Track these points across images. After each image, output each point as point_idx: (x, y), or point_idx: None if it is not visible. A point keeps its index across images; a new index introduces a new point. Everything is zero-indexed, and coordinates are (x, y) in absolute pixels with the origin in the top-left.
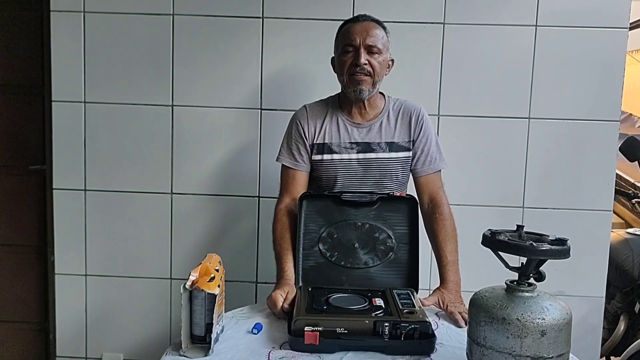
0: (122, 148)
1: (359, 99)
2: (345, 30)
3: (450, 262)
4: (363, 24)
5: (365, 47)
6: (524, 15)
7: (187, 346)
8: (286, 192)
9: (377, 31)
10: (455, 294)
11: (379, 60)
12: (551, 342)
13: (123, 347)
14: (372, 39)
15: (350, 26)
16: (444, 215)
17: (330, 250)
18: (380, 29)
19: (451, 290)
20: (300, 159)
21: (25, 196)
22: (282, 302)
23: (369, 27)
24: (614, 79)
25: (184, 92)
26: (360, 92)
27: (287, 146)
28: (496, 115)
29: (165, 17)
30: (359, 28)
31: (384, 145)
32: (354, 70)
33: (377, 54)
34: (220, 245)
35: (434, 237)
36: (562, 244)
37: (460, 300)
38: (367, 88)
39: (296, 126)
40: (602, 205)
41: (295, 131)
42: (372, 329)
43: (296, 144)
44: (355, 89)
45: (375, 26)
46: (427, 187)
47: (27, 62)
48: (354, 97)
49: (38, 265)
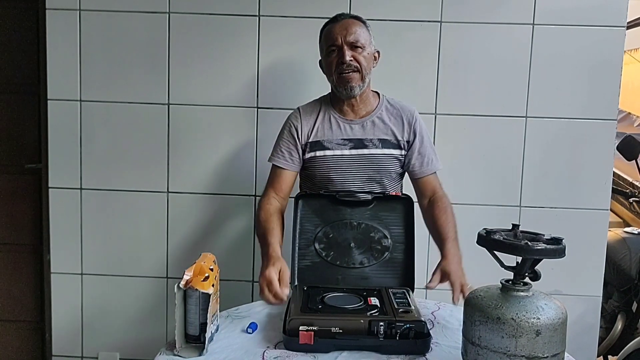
0: (118, 147)
1: (351, 97)
2: (326, 31)
3: (451, 237)
4: (342, 22)
5: (348, 45)
6: (521, 13)
7: (181, 346)
8: (271, 187)
9: (357, 27)
10: (457, 265)
11: (364, 54)
12: (546, 342)
13: (119, 346)
14: (353, 36)
15: (331, 27)
16: (445, 204)
17: (326, 249)
18: (360, 24)
19: (452, 261)
20: (290, 158)
21: (20, 195)
22: (277, 281)
23: (348, 25)
24: (612, 78)
25: (180, 90)
26: (352, 90)
27: (278, 146)
28: (493, 113)
29: (161, 15)
30: (338, 27)
31: (376, 142)
32: (341, 69)
33: (360, 49)
34: (216, 243)
35: (435, 220)
36: (558, 243)
37: (462, 271)
38: (357, 84)
39: (289, 128)
40: (600, 204)
41: (287, 132)
42: (367, 329)
43: (287, 144)
44: (345, 87)
45: (354, 22)
46: (429, 186)
47: (23, 60)
48: (346, 95)
49: (34, 264)
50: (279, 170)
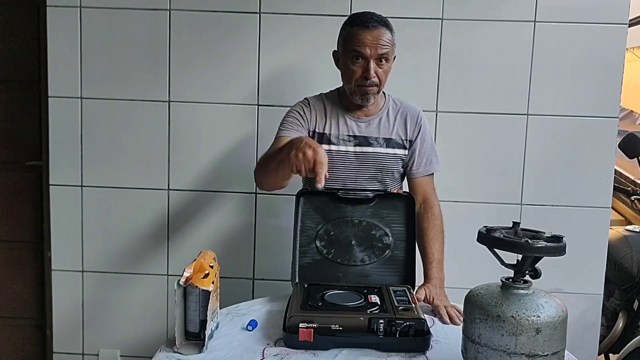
0: (118, 144)
1: (363, 106)
2: (355, 35)
3: (436, 259)
4: (374, 32)
5: (376, 59)
6: (522, 11)
7: (181, 343)
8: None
9: (387, 36)
10: (439, 290)
11: (385, 68)
12: (546, 340)
13: (120, 343)
14: (383, 48)
15: (361, 32)
16: (435, 215)
17: (327, 247)
18: (388, 32)
19: (435, 285)
20: (296, 129)
21: (21, 192)
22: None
23: (380, 36)
24: (613, 76)
25: (181, 88)
26: (367, 101)
27: (284, 124)
28: (494, 111)
29: (162, 13)
30: (370, 38)
31: (381, 141)
32: (362, 82)
33: (384, 62)
34: (217, 241)
35: (423, 235)
36: (558, 241)
37: (445, 295)
38: (373, 95)
39: (297, 110)
40: (601, 202)
41: (295, 113)
42: (367, 326)
43: (294, 121)
44: (362, 98)
45: (385, 33)
46: (421, 189)
47: (23, 57)
48: (359, 103)
49: (35, 261)
50: (284, 138)
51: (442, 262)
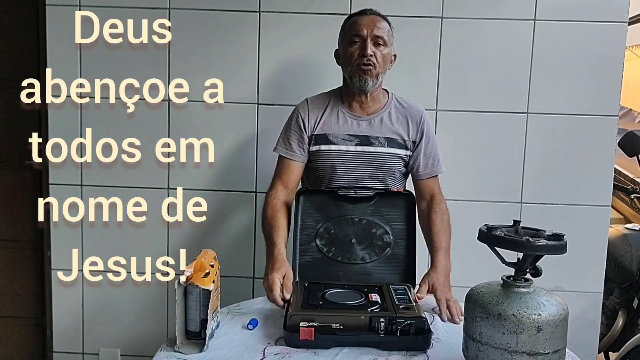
0: (118, 143)
1: (362, 91)
2: (352, 22)
3: (443, 248)
4: (370, 16)
5: (372, 38)
6: (522, 9)
7: (182, 342)
8: (279, 179)
9: (384, 24)
10: (444, 279)
11: (384, 52)
12: (547, 338)
13: (120, 343)
14: (379, 31)
15: (357, 18)
16: (443, 210)
17: (327, 245)
18: (385, 22)
19: (441, 273)
20: (297, 149)
21: (21, 191)
22: (280, 288)
23: (375, 20)
24: (613, 74)
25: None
26: (365, 82)
27: (285, 136)
28: (494, 110)
29: (161, 12)
30: (366, 20)
31: (382, 140)
32: (361, 60)
33: (382, 46)
34: (217, 240)
35: (431, 226)
36: (559, 239)
37: (449, 286)
38: (372, 79)
39: (296, 118)
40: (601, 200)
41: (294, 123)
42: (368, 325)
43: (294, 135)
44: (360, 78)
45: (381, 19)
46: (428, 189)
47: (23, 57)
48: (359, 87)
49: (34, 260)
50: (287, 161)
51: (449, 251)
